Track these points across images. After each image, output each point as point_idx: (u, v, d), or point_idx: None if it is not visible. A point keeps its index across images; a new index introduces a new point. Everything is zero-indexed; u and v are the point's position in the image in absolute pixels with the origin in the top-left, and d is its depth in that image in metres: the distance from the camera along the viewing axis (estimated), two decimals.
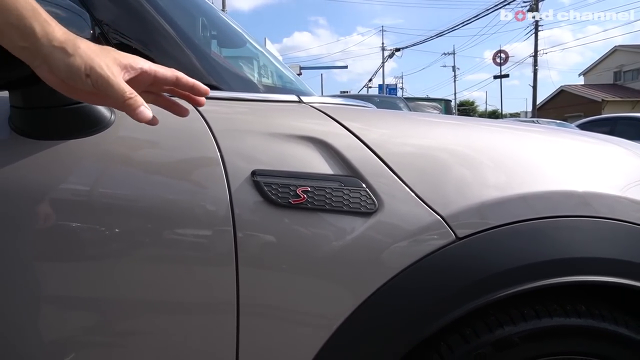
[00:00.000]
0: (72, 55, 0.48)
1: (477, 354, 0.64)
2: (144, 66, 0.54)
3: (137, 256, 0.62)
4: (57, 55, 0.48)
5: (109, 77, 0.49)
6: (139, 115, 0.51)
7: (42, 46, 0.47)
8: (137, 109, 0.51)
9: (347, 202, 0.62)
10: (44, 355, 0.63)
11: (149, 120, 0.53)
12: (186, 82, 0.59)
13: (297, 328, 0.63)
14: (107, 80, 0.49)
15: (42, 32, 0.47)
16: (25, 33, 0.46)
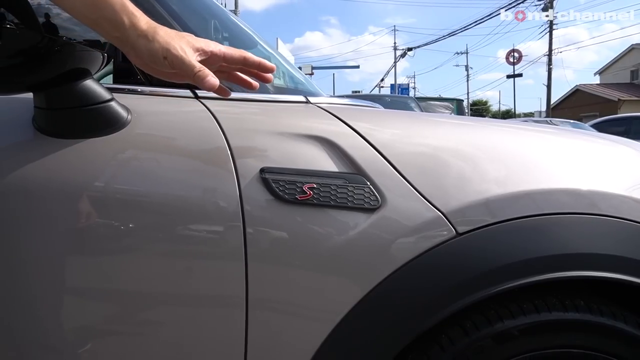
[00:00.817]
0: (152, 42, 0.56)
1: (477, 346, 0.66)
2: (214, 49, 0.62)
3: (151, 250, 0.65)
4: (141, 42, 0.56)
5: (183, 57, 0.57)
6: (207, 84, 0.59)
7: (130, 36, 0.56)
8: (204, 79, 0.59)
9: (352, 198, 0.64)
10: (63, 344, 0.66)
11: (216, 87, 0.61)
12: (253, 61, 0.66)
13: (303, 320, 0.66)
14: (181, 60, 0.57)
15: (130, 23, 0.55)
16: (116, 25, 0.55)
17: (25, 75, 0.59)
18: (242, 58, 0.65)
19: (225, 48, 0.63)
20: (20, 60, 0.57)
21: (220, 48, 0.63)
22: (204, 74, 0.59)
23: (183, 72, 0.59)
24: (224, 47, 0.63)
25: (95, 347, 0.66)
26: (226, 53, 0.63)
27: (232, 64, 0.65)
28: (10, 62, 0.57)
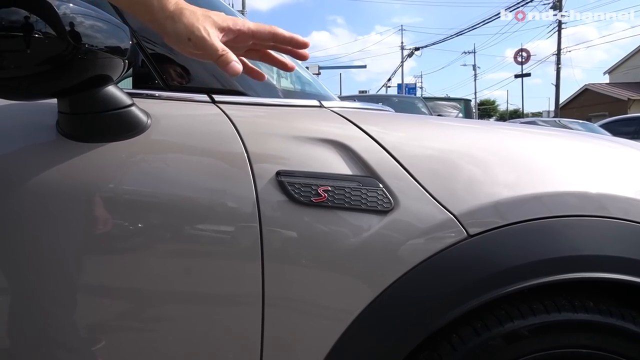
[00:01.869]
0: (177, 22, 0.57)
1: (487, 345, 0.67)
2: (242, 27, 0.61)
3: (170, 250, 0.67)
4: (168, 23, 0.57)
5: (205, 39, 0.57)
6: (230, 69, 0.59)
7: (159, 18, 0.58)
8: (228, 64, 0.58)
9: (365, 201, 0.66)
10: (80, 342, 0.68)
11: (239, 73, 0.59)
12: (284, 36, 0.64)
13: (318, 319, 0.67)
14: (204, 41, 0.57)
15: (159, 6, 0.57)
16: (147, 7, 0.57)
17: (50, 82, 0.61)
18: (272, 34, 0.63)
19: (254, 25, 0.62)
20: (46, 67, 0.59)
21: (249, 26, 0.61)
22: (228, 58, 0.58)
23: (207, 54, 0.58)
24: (252, 24, 0.61)
25: (111, 345, 0.68)
26: (255, 30, 0.62)
27: (262, 41, 0.63)
28: (37, 70, 0.59)
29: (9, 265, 0.67)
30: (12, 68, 0.58)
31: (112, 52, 0.64)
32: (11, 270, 0.68)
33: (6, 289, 0.69)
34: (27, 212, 0.67)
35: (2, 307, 0.68)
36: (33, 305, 0.68)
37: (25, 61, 0.58)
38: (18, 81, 0.60)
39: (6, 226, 0.66)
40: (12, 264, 0.67)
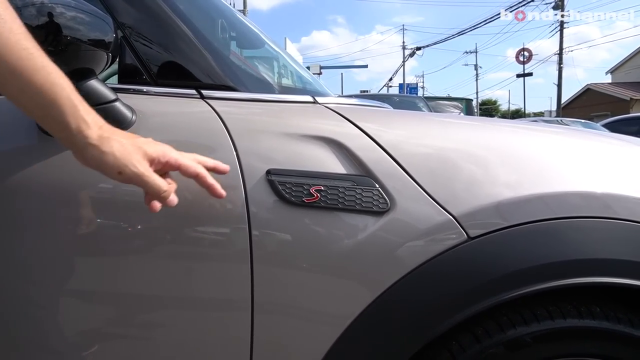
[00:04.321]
0: (105, 153, 0.52)
1: (488, 353, 0.64)
2: (170, 160, 0.56)
3: (156, 252, 0.64)
4: (91, 150, 0.52)
5: (143, 175, 0.53)
6: (169, 203, 0.57)
7: (77, 141, 0.52)
8: (169, 200, 0.56)
9: (360, 201, 0.63)
10: (67, 346, 0.66)
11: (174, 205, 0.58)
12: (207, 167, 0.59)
13: (310, 324, 0.65)
14: (141, 178, 0.53)
15: (77, 129, 0.51)
16: (62, 126, 0.51)
17: None
18: (195, 174, 0.58)
19: (181, 159, 0.57)
20: None
21: (176, 158, 0.57)
22: (169, 197, 0.56)
23: (146, 191, 0.55)
24: (180, 158, 0.57)
25: (101, 349, 0.66)
26: (181, 165, 0.57)
27: (186, 174, 0.58)
28: None
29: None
30: None
31: (95, 44, 0.62)
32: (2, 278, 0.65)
33: None
34: (7, 212, 0.64)
35: None
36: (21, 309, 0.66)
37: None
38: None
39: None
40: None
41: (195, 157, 0.59)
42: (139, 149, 0.54)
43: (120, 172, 0.53)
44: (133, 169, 0.53)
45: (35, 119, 0.53)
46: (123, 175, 0.53)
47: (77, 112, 0.51)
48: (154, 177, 0.54)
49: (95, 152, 0.52)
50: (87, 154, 0.52)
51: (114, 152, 0.52)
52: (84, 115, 0.51)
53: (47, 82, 0.49)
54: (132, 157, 0.53)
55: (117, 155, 0.52)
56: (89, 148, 0.52)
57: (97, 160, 0.52)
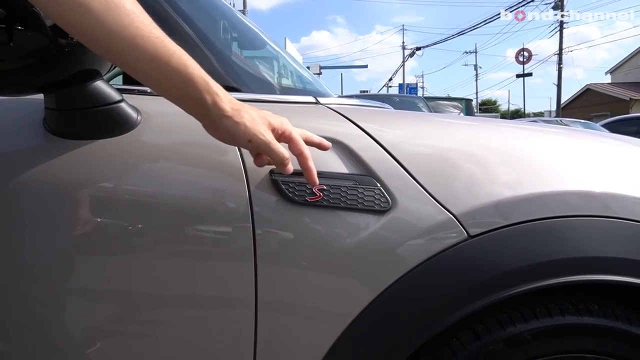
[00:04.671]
0: (238, 124, 0.57)
1: (488, 350, 0.65)
2: (286, 131, 0.61)
3: (160, 251, 0.65)
4: (225, 122, 0.57)
5: (270, 143, 0.58)
6: (288, 171, 0.61)
7: (212, 114, 0.56)
8: (287, 168, 0.61)
9: (362, 200, 0.64)
10: (72, 344, 0.67)
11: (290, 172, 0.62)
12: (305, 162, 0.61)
13: (313, 322, 0.65)
14: (268, 146, 0.58)
15: (212, 102, 0.56)
16: (199, 103, 0.56)
17: (36, 76, 0.59)
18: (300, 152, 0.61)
19: (294, 133, 0.61)
20: (32, 61, 0.57)
21: (290, 131, 0.61)
22: (290, 166, 0.60)
23: (270, 157, 0.59)
24: (293, 131, 0.61)
25: (104, 348, 0.66)
26: (292, 138, 0.61)
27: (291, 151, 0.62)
28: (21, 64, 0.57)
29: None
30: None
31: None
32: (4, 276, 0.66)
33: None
34: (12, 211, 0.65)
35: None
36: (25, 307, 0.66)
37: (9, 55, 0.56)
38: (3, 75, 0.58)
39: None
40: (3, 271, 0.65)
41: (304, 132, 0.63)
42: (264, 119, 0.59)
43: (250, 140, 0.57)
44: (261, 137, 0.57)
45: (172, 100, 0.56)
46: (252, 143, 0.57)
47: (211, 88, 0.55)
48: (278, 146, 0.58)
49: (229, 123, 0.56)
50: (220, 125, 0.57)
51: (244, 122, 0.57)
52: (216, 90, 0.56)
53: (181, 64, 0.53)
54: (260, 126, 0.57)
55: (247, 125, 0.57)
56: (223, 119, 0.56)
57: (231, 130, 0.57)
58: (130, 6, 0.50)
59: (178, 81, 0.54)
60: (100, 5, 0.48)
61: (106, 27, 0.49)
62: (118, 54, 0.51)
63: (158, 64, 0.52)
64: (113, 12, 0.49)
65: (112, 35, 0.49)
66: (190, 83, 0.54)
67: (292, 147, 0.61)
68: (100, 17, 0.48)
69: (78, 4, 0.48)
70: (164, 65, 0.52)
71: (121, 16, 0.49)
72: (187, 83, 0.54)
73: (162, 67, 0.52)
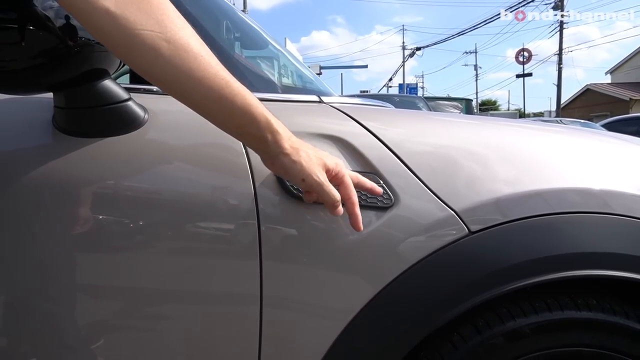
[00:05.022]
0: (294, 162, 0.59)
1: (489, 344, 0.66)
2: (339, 173, 0.62)
3: (169, 248, 0.66)
4: (282, 159, 0.59)
5: (323, 184, 0.59)
6: (337, 214, 0.62)
7: (271, 151, 0.59)
8: (337, 211, 0.61)
9: (365, 196, 0.65)
10: (79, 341, 0.68)
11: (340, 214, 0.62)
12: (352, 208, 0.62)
13: (317, 317, 0.66)
14: (321, 187, 0.59)
15: (273, 140, 0.58)
16: (260, 140, 0.58)
17: (45, 75, 0.60)
18: (348, 198, 0.61)
19: (346, 177, 0.62)
20: (42, 61, 0.58)
21: (344, 174, 0.62)
22: (340, 209, 0.61)
23: (321, 198, 0.61)
24: (346, 175, 0.62)
25: (110, 344, 0.68)
26: (344, 182, 0.62)
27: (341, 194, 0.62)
28: (32, 63, 0.58)
29: (7, 263, 0.67)
30: (7, 61, 0.57)
31: None
32: (9, 268, 0.67)
33: (4, 287, 0.68)
34: (23, 208, 0.66)
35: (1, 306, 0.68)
36: (31, 303, 0.67)
37: (20, 54, 0.57)
38: (14, 74, 0.59)
39: (2, 221, 0.66)
40: (10, 261, 0.67)
41: (357, 176, 0.64)
42: (320, 160, 0.60)
43: (304, 180, 0.59)
44: (315, 178, 0.59)
45: (234, 135, 0.59)
46: (305, 183, 0.59)
47: (272, 126, 0.58)
48: (331, 188, 0.60)
49: (287, 160, 0.58)
50: (278, 161, 0.59)
51: (301, 161, 0.59)
52: (277, 128, 0.58)
53: (245, 104, 0.56)
54: (315, 167, 0.59)
55: (303, 165, 0.59)
56: (280, 156, 0.58)
57: (287, 167, 0.59)
58: (197, 49, 0.53)
59: (241, 120, 0.56)
60: (170, 50, 0.51)
61: (175, 71, 0.52)
62: (187, 94, 0.54)
63: (223, 103, 0.55)
64: (182, 57, 0.52)
65: (181, 78, 0.52)
66: (253, 122, 0.57)
67: (342, 191, 0.62)
68: (170, 62, 0.51)
69: (149, 50, 0.50)
70: (229, 105, 0.55)
71: (189, 60, 0.52)
72: (250, 122, 0.56)
73: (226, 106, 0.55)
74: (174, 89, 0.54)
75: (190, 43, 0.52)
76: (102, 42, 0.51)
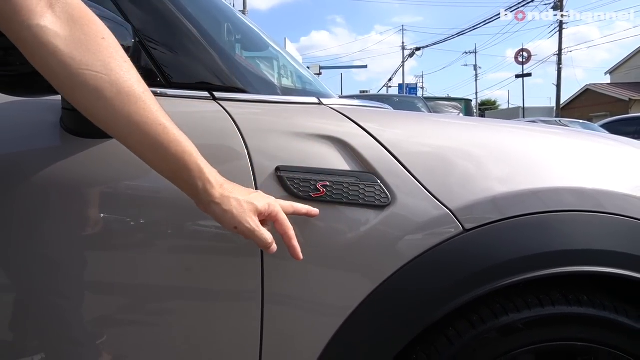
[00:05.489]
0: (225, 212, 0.60)
1: (483, 338, 0.68)
2: (272, 212, 0.63)
3: (173, 245, 0.68)
4: (214, 207, 0.60)
5: (254, 231, 0.61)
6: (270, 252, 0.63)
7: (202, 199, 0.60)
8: (271, 250, 0.63)
9: (363, 196, 0.67)
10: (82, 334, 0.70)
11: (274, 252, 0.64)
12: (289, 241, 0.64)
13: (316, 313, 0.68)
14: (252, 233, 0.61)
15: (203, 189, 0.59)
16: (191, 187, 0.59)
17: None
18: (284, 232, 0.64)
19: (280, 214, 0.63)
20: None
21: (277, 212, 0.63)
22: (273, 249, 0.63)
23: (255, 243, 0.62)
24: (280, 212, 0.63)
25: (114, 340, 0.70)
26: (278, 219, 0.63)
27: (276, 229, 0.64)
28: None
29: (15, 261, 0.69)
30: (17, 65, 0.59)
31: None
32: (18, 266, 0.69)
33: (12, 285, 0.70)
34: (31, 207, 0.68)
35: (9, 302, 0.70)
36: (38, 300, 0.69)
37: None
38: (24, 78, 0.61)
39: (11, 222, 0.68)
40: (17, 260, 0.68)
41: (292, 205, 0.65)
42: (251, 205, 0.61)
43: (236, 227, 0.60)
44: (247, 225, 0.60)
45: (166, 178, 0.60)
46: (238, 230, 0.61)
47: (204, 175, 0.59)
48: (263, 232, 0.62)
49: (217, 209, 0.60)
50: (209, 209, 0.60)
51: (232, 210, 0.60)
52: (209, 177, 0.59)
53: (179, 152, 0.57)
54: (246, 214, 0.60)
55: (234, 213, 0.60)
56: (212, 205, 0.60)
57: (218, 216, 0.60)
58: (139, 93, 0.54)
59: (174, 166, 0.58)
60: (112, 93, 0.53)
61: (115, 114, 0.53)
62: (124, 136, 0.56)
63: (158, 149, 0.56)
64: (123, 100, 0.53)
65: (120, 121, 0.54)
66: (184, 169, 0.58)
67: (277, 227, 0.64)
68: (111, 104, 0.53)
69: (91, 91, 0.52)
70: (163, 151, 0.56)
71: (130, 104, 0.54)
72: (182, 169, 0.58)
73: (161, 153, 0.56)
74: (113, 131, 0.56)
75: (133, 87, 0.54)
76: (47, 78, 0.53)
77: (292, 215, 0.65)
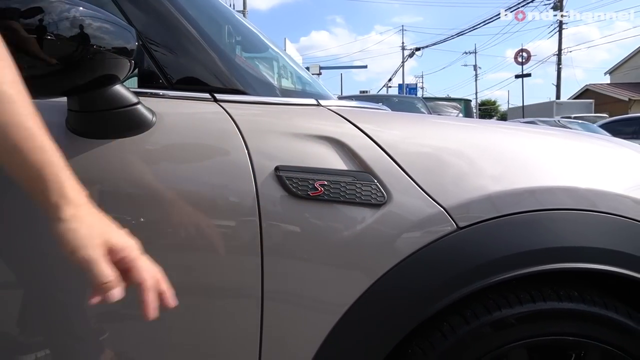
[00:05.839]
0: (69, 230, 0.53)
1: (476, 333, 0.70)
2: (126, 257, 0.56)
3: (173, 244, 0.70)
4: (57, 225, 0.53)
5: (94, 261, 0.52)
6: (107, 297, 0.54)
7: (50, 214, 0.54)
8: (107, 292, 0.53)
9: (360, 194, 0.69)
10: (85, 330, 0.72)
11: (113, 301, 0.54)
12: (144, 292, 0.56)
13: (314, 310, 0.70)
14: (90, 263, 0.52)
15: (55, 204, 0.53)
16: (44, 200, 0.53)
17: (60, 81, 0.64)
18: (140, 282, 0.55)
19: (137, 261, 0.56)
20: (58, 67, 0.62)
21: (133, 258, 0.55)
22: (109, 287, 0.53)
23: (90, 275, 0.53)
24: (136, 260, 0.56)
25: (115, 335, 0.71)
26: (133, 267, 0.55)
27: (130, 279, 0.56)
28: (49, 70, 0.62)
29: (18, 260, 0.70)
30: (26, 68, 0.61)
31: (119, 52, 0.67)
32: (21, 264, 0.71)
33: (14, 283, 0.72)
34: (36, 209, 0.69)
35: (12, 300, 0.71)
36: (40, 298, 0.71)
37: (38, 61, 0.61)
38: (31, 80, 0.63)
39: (16, 221, 0.70)
40: (21, 260, 0.70)
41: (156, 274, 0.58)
42: (105, 236, 0.55)
43: (73, 253, 0.53)
44: (88, 251, 0.53)
45: (23, 188, 0.54)
46: (74, 256, 0.53)
47: (62, 190, 0.53)
48: (101, 266, 0.53)
49: (61, 227, 0.53)
50: (53, 227, 0.54)
51: (77, 230, 0.53)
52: (67, 193, 0.53)
53: (40, 162, 0.52)
54: (93, 241, 0.53)
55: (78, 235, 0.53)
56: (57, 222, 0.53)
57: (60, 233, 0.53)
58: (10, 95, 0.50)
59: (31, 175, 0.53)
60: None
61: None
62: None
63: (15, 154, 0.51)
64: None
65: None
66: (40, 180, 0.52)
67: (132, 276, 0.55)
68: None
69: None
70: (22, 157, 0.51)
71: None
72: (38, 179, 0.52)
73: (18, 158, 0.52)
74: None
75: (2, 87, 0.50)
76: None
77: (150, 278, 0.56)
